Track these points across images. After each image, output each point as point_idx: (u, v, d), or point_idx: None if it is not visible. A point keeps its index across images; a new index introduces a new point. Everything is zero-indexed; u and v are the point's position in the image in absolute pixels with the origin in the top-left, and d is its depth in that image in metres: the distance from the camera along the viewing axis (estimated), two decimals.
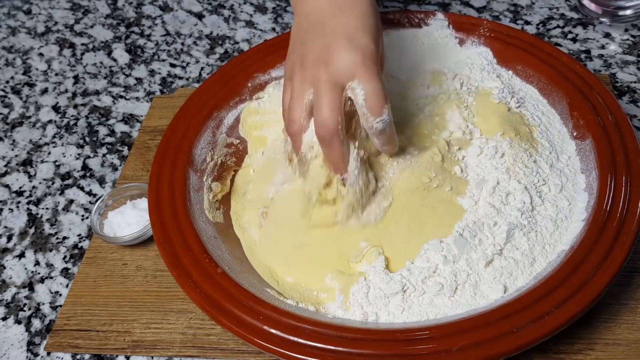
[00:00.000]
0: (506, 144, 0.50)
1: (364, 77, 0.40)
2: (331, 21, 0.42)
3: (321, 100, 0.41)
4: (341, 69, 0.40)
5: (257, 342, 0.40)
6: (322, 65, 0.41)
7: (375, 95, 0.40)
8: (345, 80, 0.41)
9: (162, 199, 0.50)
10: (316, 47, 0.41)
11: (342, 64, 0.40)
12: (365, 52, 0.41)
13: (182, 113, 0.57)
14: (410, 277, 0.44)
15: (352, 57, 0.40)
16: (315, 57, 0.41)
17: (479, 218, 0.46)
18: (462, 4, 0.80)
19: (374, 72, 0.41)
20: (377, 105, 0.41)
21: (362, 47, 0.41)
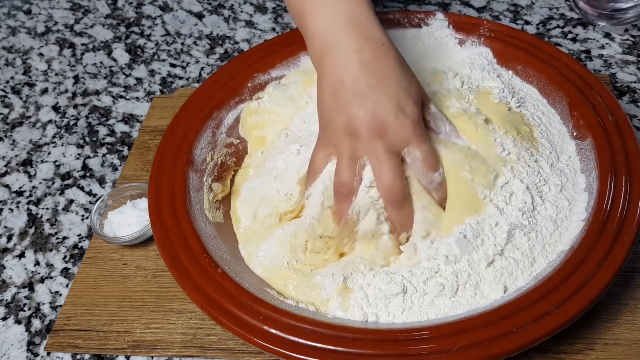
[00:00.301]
0: (510, 141, 0.50)
1: (417, 142, 0.45)
2: (372, 94, 0.44)
3: (384, 167, 0.44)
4: (397, 139, 0.44)
5: (257, 342, 0.40)
6: (377, 137, 0.44)
7: (430, 154, 0.46)
8: (401, 148, 0.45)
9: (162, 199, 0.50)
10: (364, 117, 0.44)
11: (397, 135, 0.44)
12: (414, 120, 0.45)
13: (182, 113, 0.57)
14: (412, 278, 0.44)
15: (405, 128, 0.44)
16: (367, 129, 0.44)
17: (483, 218, 0.46)
18: (462, 4, 0.80)
19: (425, 136, 0.46)
20: (433, 162, 0.46)
21: (411, 116, 0.45)
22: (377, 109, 0.44)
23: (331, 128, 0.46)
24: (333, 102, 0.45)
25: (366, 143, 0.44)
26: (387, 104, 0.44)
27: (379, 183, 0.45)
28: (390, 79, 0.45)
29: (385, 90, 0.44)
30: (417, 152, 0.45)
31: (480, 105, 0.54)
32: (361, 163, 0.45)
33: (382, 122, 0.44)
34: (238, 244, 0.51)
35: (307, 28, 0.48)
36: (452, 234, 0.46)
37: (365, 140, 0.44)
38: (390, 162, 0.44)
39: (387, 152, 0.44)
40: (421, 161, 0.45)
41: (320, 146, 0.48)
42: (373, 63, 0.45)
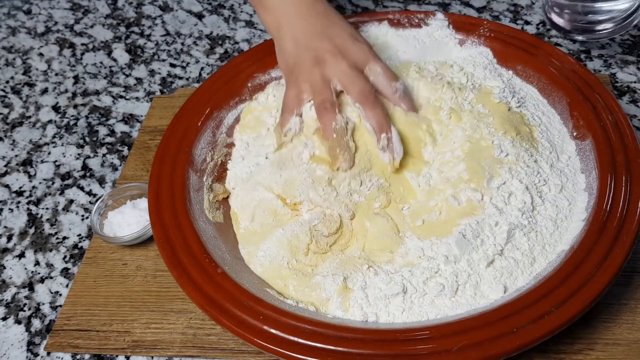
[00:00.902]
0: (508, 142, 0.50)
1: (375, 59, 0.52)
2: (328, 30, 0.52)
3: (352, 78, 0.50)
4: (358, 58, 0.52)
5: (257, 342, 0.40)
6: (341, 58, 0.51)
7: (387, 68, 0.53)
8: (362, 65, 0.52)
9: (162, 199, 0.50)
10: (327, 47, 0.51)
11: (357, 54, 0.52)
12: (367, 44, 0.53)
13: (182, 113, 0.57)
14: (412, 278, 0.44)
15: (362, 49, 0.52)
16: (331, 54, 0.51)
17: (483, 218, 0.46)
18: (462, 4, 0.80)
19: (379, 56, 0.53)
20: (392, 74, 0.52)
21: (364, 41, 0.53)
22: (335, 39, 0.52)
23: (298, 67, 0.52)
24: (295, 48, 0.53)
25: (332, 65, 0.51)
26: (343, 34, 0.52)
27: (352, 92, 0.50)
28: (341, 22, 0.54)
29: (339, 26, 0.53)
30: (377, 67, 0.51)
31: (482, 102, 0.54)
32: (333, 85, 0.51)
33: (342, 46, 0.51)
34: (238, 244, 0.51)
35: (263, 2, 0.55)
36: (452, 234, 0.46)
37: (330, 62, 0.51)
38: (356, 74, 0.51)
39: (351, 67, 0.51)
40: (382, 74, 0.51)
41: (290, 86, 0.53)
42: (324, 14, 0.53)
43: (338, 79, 0.51)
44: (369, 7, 0.82)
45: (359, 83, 0.50)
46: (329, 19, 0.53)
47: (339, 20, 0.54)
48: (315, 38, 0.52)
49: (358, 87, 0.50)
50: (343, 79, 0.51)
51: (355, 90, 0.50)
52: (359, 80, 0.50)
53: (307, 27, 0.52)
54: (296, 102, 0.52)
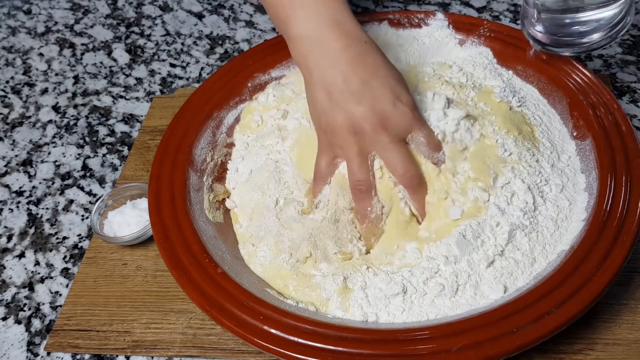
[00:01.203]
0: (511, 141, 0.50)
1: (419, 126, 0.47)
2: (366, 88, 0.45)
3: (395, 156, 0.46)
4: (400, 128, 0.46)
5: (257, 342, 0.40)
6: (381, 129, 0.45)
7: (431, 136, 0.47)
8: (405, 135, 0.46)
9: (162, 199, 0.50)
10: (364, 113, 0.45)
11: (399, 123, 0.45)
12: (411, 106, 0.46)
13: (182, 113, 0.57)
14: (412, 278, 0.44)
15: (405, 115, 0.46)
16: (370, 123, 0.45)
17: (484, 219, 0.46)
18: (462, 4, 0.80)
19: (423, 119, 0.47)
20: (436, 142, 0.47)
21: (407, 103, 0.46)
22: (374, 102, 0.45)
23: (332, 130, 0.46)
24: (329, 104, 0.46)
25: (372, 137, 0.45)
26: (383, 95, 0.45)
27: (395, 173, 0.46)
28: (381, 72, 0.46)
29: (378, 83, 0.45)
30: (419, 136, 0.46)
31: (481, 102, 0.54)
32: (371, 158, 0.46)
33: (383, 114, 0.45)
34: (238, 244, 0.51)
35: (289, 31, 0.48)
36: (452, 235, 0.46)
37: (370, 134, 0.45)
38: (399, 150, 0.46)
39: (393, 141, 0.45)
40: (425, 144, 0.47)
41: (324, 151, 0.49)
42: (361, 59, 0.45)
43: (379, 155, 0.46)
44: (369, 7, 0.82)
45: (403, 164, 0.46)
46: (368, 68, 0.45)
47: (379, 69, 0.46)
48: (352, 99, 0.45)
49: (402, 169, 0.46)
50: (385, 155, 0.46)
51: (399, 172, 0.46)
52: (402, 160, 0.46)
53: (341, 80, 0.45)
54: (329, 170, 0.49)
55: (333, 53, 0.45)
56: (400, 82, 0.47)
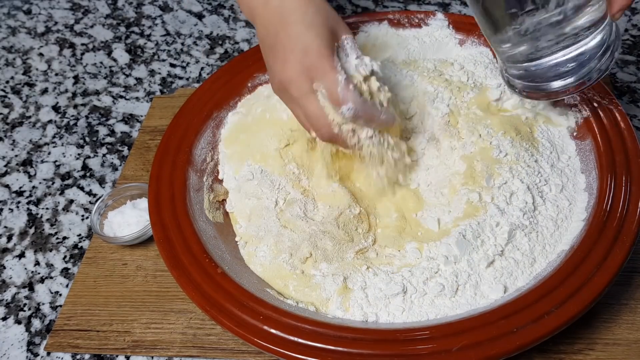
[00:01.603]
0: (507, 142, 0.50)
1: (318, 75, 0.44)
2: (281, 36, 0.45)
3: (307, 112, 0.45)
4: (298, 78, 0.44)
5: (257, 342, 0.40)
6: (285, 90, 0.45)
7: (332, 87, 0.44)
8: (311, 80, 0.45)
9: (162, 199, 0.50)
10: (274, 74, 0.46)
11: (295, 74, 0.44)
12: (308, 51, 0.44)
13: (182, 113, 0.57)
14: (412, 278, 0.44)
15: (299, 65, 0.44)
16: (277, 84, 0.46)
17: (484, 219, 0.46)
18: (462, 4, 0.80)
19: (326, 66, 0.44)
20: (336, 96, 0.44)
21: (306, 49, 0.44)
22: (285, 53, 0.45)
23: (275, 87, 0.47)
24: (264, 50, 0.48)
25: (281, 95, 0.47)
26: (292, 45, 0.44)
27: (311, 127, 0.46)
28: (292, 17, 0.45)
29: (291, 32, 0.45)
30: (320, 87, 0.44)
31: (479, 104, 0.54)
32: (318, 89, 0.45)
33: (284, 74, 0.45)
34: (238, 244, 0.51)
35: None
36: (452, 235, 0.46)
37: (278, 93, 0.47)
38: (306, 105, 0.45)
39: (300, 96, 0.45)
40: (326, 97, 0.44)
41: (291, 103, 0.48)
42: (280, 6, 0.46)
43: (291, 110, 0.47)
44: (369, 7, 0.82)
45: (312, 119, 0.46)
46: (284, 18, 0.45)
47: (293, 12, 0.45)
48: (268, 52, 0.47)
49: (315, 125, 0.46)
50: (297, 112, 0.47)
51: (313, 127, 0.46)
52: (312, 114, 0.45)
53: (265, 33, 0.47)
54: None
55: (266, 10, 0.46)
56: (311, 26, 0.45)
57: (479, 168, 0.49)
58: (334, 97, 0.44)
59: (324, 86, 0.44)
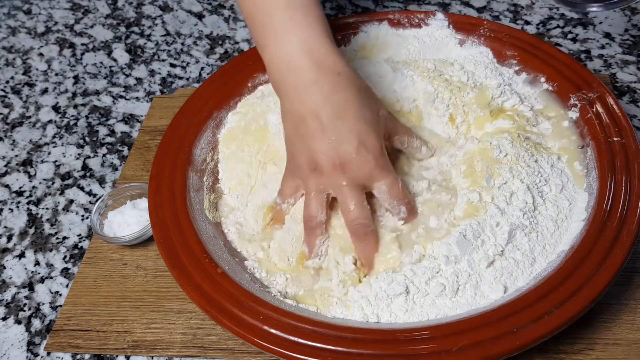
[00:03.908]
0: (507, 142, 0.50)
1: (381, 176, 0.45)
2: (332, 127, 0.43)
3: (348, 202, 0.45)
4: (359, 174, 0.44)
5: (257, 342, 0.40)
6: (340, 172, 0.44)
7: (394, 186, 0.45)
8: (364, 181, 0.45)
9: (162, 199, 0.50)
10: (326, 153, 0.44)
11: (359, 170, 0.44)
12: (375, 153, 0.44)
13: (182, 113, 0.57)
14: (414, 277, 0.44)
15: (367, 163, 0.44)
16: (330, 164, 0.44)
17: (484, 219, 0.46)
18: (462, 4, 0.80)
19: (387, 167, 0.45)
20: (398, 193, 0.46)
21: (371, 150, 0.44)
22: (337, 143, 0.43)
23: (296, 162, 0.46)
24: (295, 137, 0.46)
25: (329, 178, 0.44)
26: (347, 137, 0.43)
27: (345, 217, 0.46)
28: (350, 111, 0.44)
29: (345, 124, 0.43)
30: (382, 185, 0.45)
31: (479, 104, 0.55)
32: (328, 197, 0.46)
33: (343, 157, 0.43)
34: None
35: (264, 56, 0.48)
36: (452, 235, 0.46)
37: (328, 174, 0.44)
38: (353, 195, 0.45)
39: (349, 185, 0.44)
40: (387, 193, 0.45)
41: (289, 176, 0.49)
42: (331, 95, 0.44)
43: (335, 195, 0.46)
44: (369, 7, 0.82)
45: (353, 209, 0.45)
46: (336, 106, 0.43)
47: (348, 107, 0.44)
48: (317, 135, 0.44)
49: (351, 215, 0.45)
50: (338, 196, 0.45)
51: (348, 217, 0.45)
52: (354, 205, 0.45)
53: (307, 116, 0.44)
54: (292, 192, 0.49)
55: (302, 85, 0.44)
56: (370, 124, 0.44)
57: (479, 168, 0.49)
58: (396, 195, 0.45)
59: (385, 184, 0.45)
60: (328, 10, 0.82)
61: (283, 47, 0.45)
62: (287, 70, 0.45)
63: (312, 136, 0.44)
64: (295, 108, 0.45)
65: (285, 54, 0.45)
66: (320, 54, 0.45)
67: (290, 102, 0.45)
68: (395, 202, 0.46)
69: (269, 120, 0.56)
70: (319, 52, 0.45)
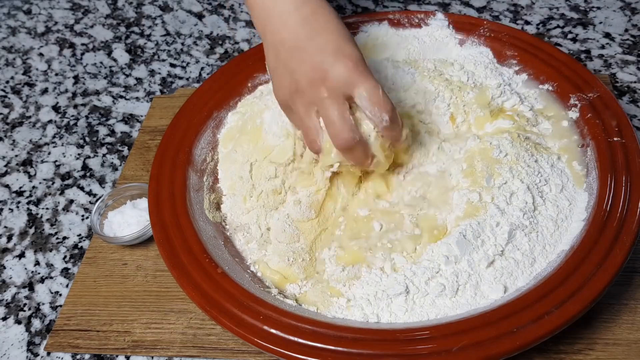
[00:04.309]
0: (507, 142, 0.50)
1: (360, 80, 0.43)
2: (311, 43, 0.44)
3: (330, 115, 0.43)
4: (339, 81, 0.43)
5: (257, 342, 0.40)
6: (320, 84, 0.43)
7: (374, 91, 0.43)
8: (345, 89, 0.43)
9: (162, 199, 0.50)
10: (306, 70, 0.43)
11: (338, 76, 0.43)
12: (354, 59, 0.43)
13: (182, 113, 0.57)
14: (414, 277, 0.44)
15: (344, 68, 0.43)
16: (309, 79, 0.43)
17: (484, 219, 0.46)
18: (462, 4, 0.80)
19: (368, 73, 0.43)
20: (379, 99, 0.43)
21: (350, 56, 0.43)
22: (314, 56, 0.43)
23: (282, 91, 0.46)
24: (277, 64, 0.45)
25: (310, 93, 0.44)
26: (324, 48, 0.43)
27: (328, 130, 0.44)
28: (329, 27, 0.44)
29: (322, 38, 0.44)
30: (362, 91, 0.43)
31: (480, 104, 0.55)
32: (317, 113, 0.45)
33: (321, 67, 0.43)
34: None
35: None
36: (452, 235, 0.46)
37: (308, 91, 0.44)
38: (336, 108, 0.43)
39: (330, 97, 0.43)
40: (367, 99, 0.43)
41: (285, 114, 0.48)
42: (311, 17, 0.44)
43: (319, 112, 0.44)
44: (369, 7, 0.82)
45: (336, 123, 0.43)
46: (313, 25, 0.44)
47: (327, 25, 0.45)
48: (296, 54, 0.44)
49: (334, 129, 0.44)
50: (322, 111, 0.44)
51: (331, 132, 0.44)
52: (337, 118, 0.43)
53: (287, 38, 0.45)
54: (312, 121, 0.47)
55: (285, 13, 0.45)
56: (347, 37, 0.44)
57: (479, 168, 0.49)
58: (377, 101, 0.43)
59: (365, 89, 0.43)
60: None
61: None
62: (271, 2, 0.45)
63: (292, 57, 0.44)
64: (277, 36, 0.45)
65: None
66: None
67: (272, 32, 0.46)
68: (376, 108, 0.43)
69: (264, 119, 0.56)
70: None
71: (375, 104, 0.43)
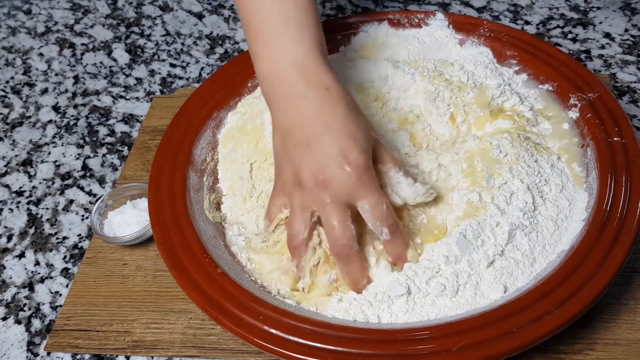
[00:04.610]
0: (507, 142, 0.50)
1: (363, 194, 0.43)
2: (317, 142, 0.43)
3: (331, 220, 0.43)
4: (341, 191, 0.42)
5: (257, 342, 0.40)
6: (322, 189, 0.42)
7: (378, 205, 0.43)
8: (347, 198, 0.43)
9: (162, 199, 0.50)
10: (310, 169, 0.43)
11: (341, 186, 0.42)
12: (358, 169, 0.42)
13: (182, 113, 0.57)
14: (415, 277, 0.44)
15: (348, 179, 0.42)
16: (312, 179, 0.43)
17: (484, 219, 0.46)
18: (462, 4, 0.80)
19: (371, 184, 0.43)
20: (382, 213, 0.43)
21: (354, 164, 0.42)
22: (320, 157, 0.42)
23: (282, 177, 0.46)
24: (282, 150, 0.45)
25: (312, 194, 0.43)
26: (330, 151, 0.42)
27: (326, 235, 0.44)
28: (335, 125, 0.43)
29: (329, 137, 0.43)
30: (365, 204, 0.43)
31: (480, 104, 0.55)
32: (313, 215, 0.44)
33: (325, 172, 0.42)
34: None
35: (256, 67, 0.48)
36: (452, 234, 0.46)
37: (311, 190, 0.43)
38: (337, 215, 0.43)
39: (333, 202, 0.43)
40: (369, 212, 0.43)
41: (276, 194, 0.47)
42: (318, 109, 0.43)
43: (318, 212, 0.44)
44: (369, 7, 0.82)
45: (335, 229, 0.43)
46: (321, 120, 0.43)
47: (333, 122, 0.43)
48: (301, 149, 0.43)
49: (333, 235, 0.43)
50: (322, 213, 0.43)
51: (330, 236, 0.43)
52: (337, 224, 0.43)
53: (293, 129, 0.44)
54: (278, 211, 0.47)
55: (291, 99, 0.44)
56: (355, 140, 0.43)
57: (479, 168, 0.49)
58: (378, 215, 0.43)
59: (368, 203, 0.43)
60: (328, 10, 0.82)
61: (274, 59, 0.46)
62: (278, 82, 0.45)
63: (297, 149, 0.43)
64: (283, 120, 0.45)
65: (276, 67, 0.45)
66: (310, 70, 0.45)
67: (278, 114, 0.46)
68: (377, 223, 0.43)
69: (265, 119, 0.56)
70: (310, 68, 0.45)
71: (377, 219, 0.43)
